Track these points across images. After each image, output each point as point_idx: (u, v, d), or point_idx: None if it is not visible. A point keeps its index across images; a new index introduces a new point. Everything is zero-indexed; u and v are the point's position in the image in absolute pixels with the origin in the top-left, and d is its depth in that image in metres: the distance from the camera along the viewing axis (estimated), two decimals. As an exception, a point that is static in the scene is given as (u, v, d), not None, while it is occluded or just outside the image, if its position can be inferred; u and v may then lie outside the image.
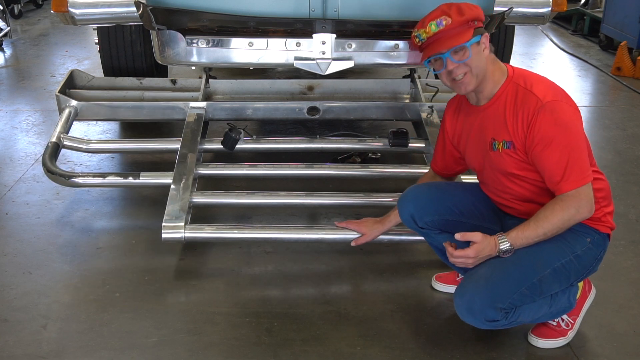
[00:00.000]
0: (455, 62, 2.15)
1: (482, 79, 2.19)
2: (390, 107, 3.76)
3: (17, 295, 2.62)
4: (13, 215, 3.28)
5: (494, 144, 2.22)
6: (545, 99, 2.10)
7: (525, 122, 2.11)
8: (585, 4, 7.88)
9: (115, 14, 3.45)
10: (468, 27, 2.14)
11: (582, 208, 2.08)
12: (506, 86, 2.20)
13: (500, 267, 2.14)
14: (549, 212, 2.10)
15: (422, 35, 2.18)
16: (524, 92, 2.15)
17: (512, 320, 2.17)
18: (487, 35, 2.19)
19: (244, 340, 2.36)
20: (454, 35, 2.13)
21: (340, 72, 3.22)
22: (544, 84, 2.17)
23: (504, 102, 2.19)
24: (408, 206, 2.39)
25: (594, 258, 2.22)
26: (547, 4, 3.53)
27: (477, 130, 2.31)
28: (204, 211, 3.21)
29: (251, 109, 3.68)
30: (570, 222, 2.11)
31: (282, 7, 3.04)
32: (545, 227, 2.10)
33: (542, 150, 2.09)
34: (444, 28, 2.13)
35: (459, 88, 2.22)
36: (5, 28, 6.95)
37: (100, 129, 4.47)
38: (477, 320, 2.15)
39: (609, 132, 4.58)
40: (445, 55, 2.14)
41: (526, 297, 2.14)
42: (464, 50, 2.13)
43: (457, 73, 2.17)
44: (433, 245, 2.52)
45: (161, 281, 2.73)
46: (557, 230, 2.11)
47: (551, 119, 2.08)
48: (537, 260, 2.15)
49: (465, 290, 2.16)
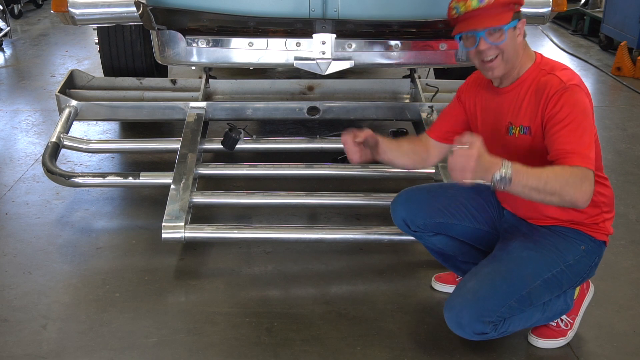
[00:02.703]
0: (490, 43, 2.06)
1: (511, 66, 2.13)
2: (390, 107, 3.76)
3: (17, 295, 2.62)
4: (13, 215, 3.28)
5: (510, 128, 2.17)
6: (569, 82, 2.05)
7: (546, 100, 2.04)
8: (585, 4, 7.88)
9: (115, 14, 3.45)
10: (508, 10, 2.06)
11: (584, 186, 1.92)
12: (531, 72, 2.14)
13: (488, 281, 2.13)
14: (558, 169, 1.95)
15: (461, 8, 2.06)
16: (547, 75, 2.09)
17: (502, 331, 2.17)
18: (524, 21, 2.11)
19: (244, 340, 2.36)
20: (493, 15, 2.04)
21: (340, 72, 3.22)
22: (569, 71, 2.12)
23: (527, 86, 2.13)
24: (400, 210, 2.38)
25: (587, 266, 2.20)
26: (547, 4, 3.53)
27: (493, 113, 2.25)
28: (204, 211, 3.21)
29: (251, 109, 3.67)
30: (569, 190, 1.92)
31: (282, 7, 3.05)
32: (549, 177, 1.91)
33: (559, 123, 2.01)
34: (485, 5, 2.02)
35: (487, 71, 2.14)
36: (5, 28, 6.96)
37: (100, 129, 4.47)
38: (466, 333, 2.15)
39: (609, 132, 4.58)
40: (480, 33, 2.05)
41: (515, 309, 2.13)
42: (500, 32, 2.05)
43: (488, 54, 2.09)
44: (429, 247, 2.52)
45: (161, 281, 2.73)
46: (555, 189, 1.91)
47: (572, 100, 2.02)
48: (525, 272, 2.12)
49: (454, 305, 2.15)
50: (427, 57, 3.34)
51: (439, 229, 2.39)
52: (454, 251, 2.46)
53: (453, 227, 2.38)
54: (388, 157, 2.38)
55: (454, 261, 2.51)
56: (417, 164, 2.49)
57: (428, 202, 2.38)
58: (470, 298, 2.11)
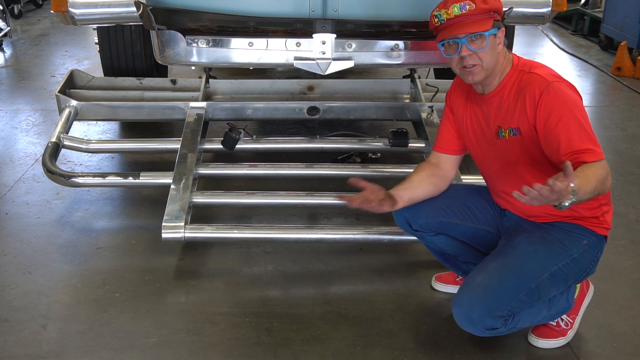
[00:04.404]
0: (471, 49, 2.11)
1: (491, 73, 2.17)
2: (390, 107, 3.76)
3: (17, 295, 2.62)
4: (13, 215, 3.28)
5: (500, 132, 2.20)
6: (550, 79, 2.09)
7: (534, 101, 2.08)
8: (585, 4, 7.88)
9: (115, 14, 3.45)
10: (489, 17, 2.12)
11: (609, 176, 1.97)
12: (511, 75, 2.19)
13: (497, 275, 2.13)
14: (590, 171, 1.92)
15: (443, 15, 2.13)
16: (527, 75, 2.14)
17: (512, 327, 2.17)
18: (503, 30, 2.17)
19: (244, 340, 2.36)
20: (474, 22, 2.10)
21: (340, 72, 3.22)
22: (546, 68, 2.17)
23: (509, 89, 2.17)
24: (402, 209, 2.37)
25: (590, 260, 2.22)
26: (547, 4, 3.52)
27: (480, 119, 2.29)
28: (204, 211, 3.21)
29: (251, 109, 3.68)
30: (607, 185, 1.96)
31: (282, 7, 3.05)
32: (596, 184, 1.89)
33: (558, 123, 2.03)
34: (466, 12, 2.09)
35: (467, 76, 2.19)
36: (5, 28, 6.96)
37: (100, 129, 4.47)
38: (476, 329, 2.15)
39: (609, 132, 4.58)
40: (462, 40, 2.11)
41: (525, 303, 2.14)
42: (482, 39, 2.11)
43: (468, 62, 2.14)
44: (430, 247, 2.52)
45: (161, 281, 2.73)
46: (599, 190, 1.93)
47: (561, 97, 2.05)
48: (533, 265, 2.13)
49: (463, 300, 2.15)
50: (427, 57, 3.34)
51: (441, 228, 2.39)
52: (455, 251, 2.47)
53: (455, 227, 2.38)
54: (407, 198, 2.33)
55: (455, 261, 2.51)
56: (437, 187, 2.40)
57: (430, 202, 2.38)
58: (480, 292, 2.11)
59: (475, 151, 2.37)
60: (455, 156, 2.44)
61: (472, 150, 2.39)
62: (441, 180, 2.41)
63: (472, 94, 2.33)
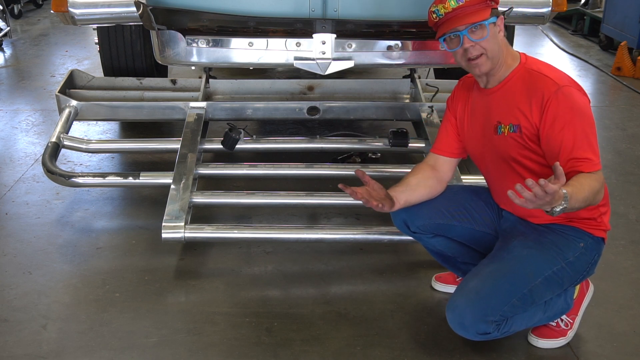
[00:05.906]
0: (473, 40, 2.12)
1: (497, 62, 2.17)
2: (390, 107, 3.76)
3: (17, 295, 2.62)
4: (13, 215, 3.28)
5: (499, 127, 2.20)
6: (561, 83, 2.08)
7: (541, 103, 2.08)
8: (585, 4, 7.88)
9: (115, 14, 3.45)
10: (486, 6, 2.12)
11: (602, 189, 2.02)
12: (518, 70, 2.18)
13: (490, 280, 2.13)
14: (586, 181, 1.95)
15: (440, 10, 2.14)
16: (537, 75, 2.13)
17: (505, 331, 2.17)
18: (502, 18, 2.17)
19: (244, 340, 2.36)
20: (472, 12, 2.10)
21: (340, 72, 3.22)
22: (558, 71, 2.17)
23: (515, 85, 2.17)
24: (400, 211, 2.37)
25: (587, 263, 2.21)
26: (547, 4, 3.53)
27: (482, 114, 2.28)
28: (204, 211, 3.21)
29: (251, 109, 3.68)
30: (598, 197, 2.00)
31: (282, 7, 3.05)
32: (588, 194, 1.93)
33: (562, 129, 2.04)
34: (463, 4, 2.10)
35: (473, 69, 2.19)
36: (5, 28, 6.96)
37: (100, 129, 4.48)
38: (469, 334, 2.15)
39: (609, 132, 4.58)
40: (462, 32, 2.11)
41: (517, 307, 2.14)
42: (482, 28, 2.11)
43: (472, 53, 2.13)
44: (428, 248, 2.52)
45: (161, 281, 2.73)
46: (591, 201, 1.97)
47: (569, 103, 2.05)
48: (527, 270, 2.13)
49: (456, 305, 2.15)
50: (427, 57, 3.34)
51: (439, 230, 2.39)
52: (454, 252, 2.47)
53: (452, 229, 2.38)
54: (403, 201, 2.31)
55: (454, 262, 2.51)
56: (433, 190, 2.39)
57: (428, 203, 2.38)
58: (473, 297, 2.11)
59: (474, 150, 2.37)
60: (452, 159, 2.44)
61: (471, 150, 2.39)
62: (437, 182, 2.40)
63: (474, 91, 2.32)
